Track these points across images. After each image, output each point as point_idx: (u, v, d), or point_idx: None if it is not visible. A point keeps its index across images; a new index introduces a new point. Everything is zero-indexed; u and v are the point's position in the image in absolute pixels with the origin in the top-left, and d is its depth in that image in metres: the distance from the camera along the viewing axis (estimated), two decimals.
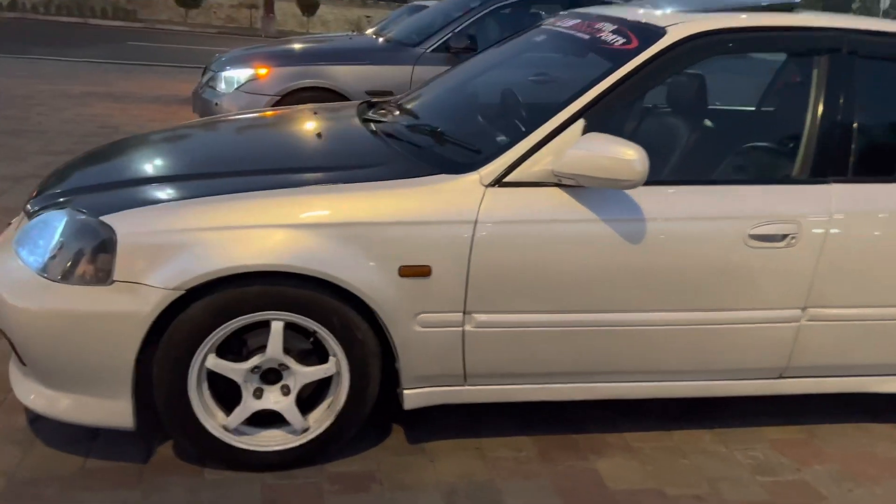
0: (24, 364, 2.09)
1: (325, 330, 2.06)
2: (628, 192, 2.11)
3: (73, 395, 2.04)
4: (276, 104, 5.06)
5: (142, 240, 1.96)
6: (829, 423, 2.64)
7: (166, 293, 1.93)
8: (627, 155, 1.96)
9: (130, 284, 1.94)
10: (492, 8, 5.59)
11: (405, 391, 2.19)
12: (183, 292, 1.93)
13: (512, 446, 2.38)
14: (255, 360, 2.07)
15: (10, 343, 2.10)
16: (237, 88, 5.17)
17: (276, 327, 2.04)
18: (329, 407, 2.16)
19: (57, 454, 2.16)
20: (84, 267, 1.97)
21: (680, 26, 2.28)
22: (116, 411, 2.03)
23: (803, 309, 2.29)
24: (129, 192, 2.16)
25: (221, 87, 5.28)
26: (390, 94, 5.05)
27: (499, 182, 2.09)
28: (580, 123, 2.12)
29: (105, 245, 1.96)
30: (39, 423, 2.28)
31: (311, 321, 2.04)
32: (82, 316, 1.94)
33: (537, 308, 2.15)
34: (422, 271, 2.05)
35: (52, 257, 2.01)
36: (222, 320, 1.99)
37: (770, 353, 2.36)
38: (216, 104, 5.20)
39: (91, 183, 2.35)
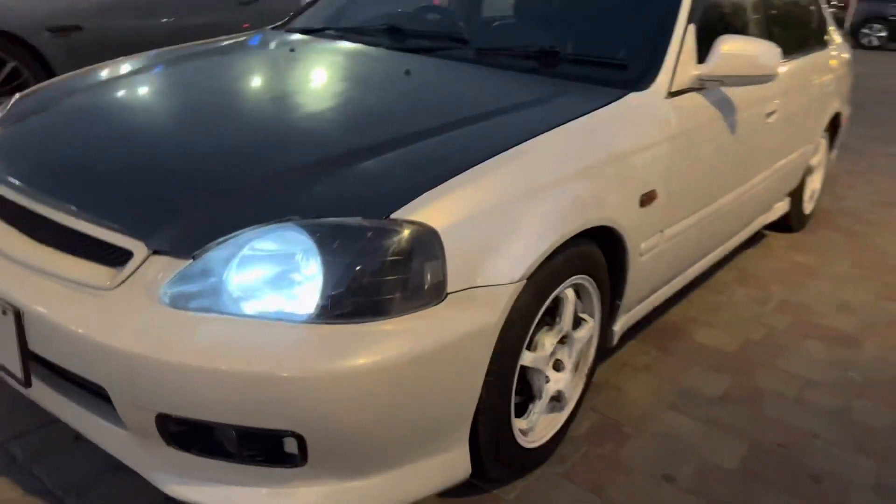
0: (298, 463, 1.37)
1: (594, 285, 1.85)
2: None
3: (392, 470, 1.44)
4: None
5: (465, 231, 1.44)
6: None
7: (513, 288, 1.49)
8: (770, 50, 2.17)
9: (467, 291, 1.43)
10: None
11: (615, 328, 2.10)
12: (524, 282, 1.52)
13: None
14: (552, 339, 1.74)
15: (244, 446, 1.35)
16: None
17: (571, 295, 1.75)
18: (577, 369, 1.95)
19: None
20: (402, 288, 1.37)
21: None
22: (452, 463, 1.52)
23: None
24: (345, 174, 1.50)
25: None
26: (78, 28, 3.97)
27: (670, 92, 2.09)
28: (692, 27, 2.21)
29: (425, 249, 1.38)
30: None
31: (590, 279, 1.81)
32: (419, 356, 1.37)
33: (698, 206, 2.27)
34: (652, 196, 1.97)
35: (349, 291, 1.33)
36: (541, 303, 1.63)
37: None
38: None
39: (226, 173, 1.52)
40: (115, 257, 1.43)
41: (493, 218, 1.49)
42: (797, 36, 3.19)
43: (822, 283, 3.22)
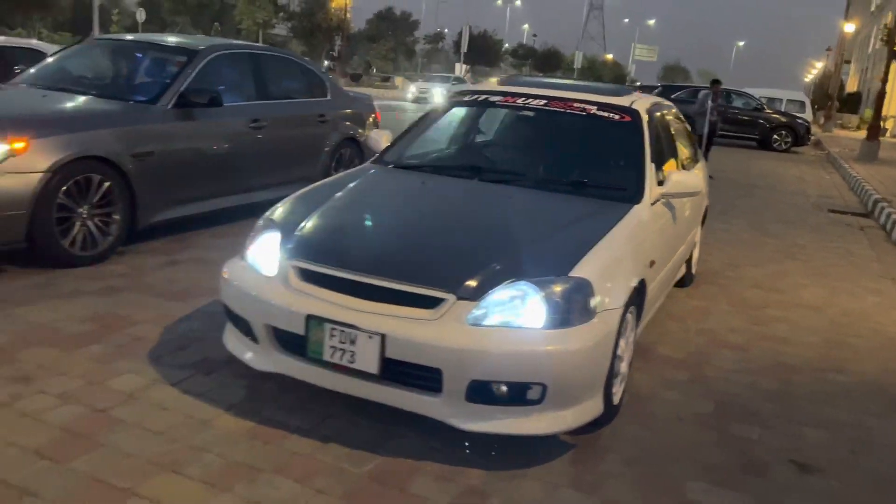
0: (533, 403, 2.70)
1: (636, 311, 3.32)
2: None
3: (574, 407, 2.81)
4: (49, 181, 4.38)
5: (599, 280, 2.88)
6: None
7: (620, 310, 2.94)
8: (699, 179, 3.83)
9: (603, 312, 2.87)
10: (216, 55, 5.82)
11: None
12: (622, 308, 2.97)
13: None
14: (625, 341, 3.19)
15: (516, 392, 2.68)
16: None
17: (630, 317, 3.22)
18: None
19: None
20: (579, 311, 2.78)
21: (638, 104, 4.17)
22: (594, 405, 2.90)
23: None
24: (529, 253, 2.92)
25: None
26: (151, 154, 5.03)
27: (650, 204, 3.68)
28: (653, 165, 3.85)
29: (587, 291, 2.81)
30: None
31: (634, 307, 3.29)
32: (594, 345, 2.77)
33: (663, 266, 3.85)
34: (653, 262, 3.52)
35: (556, 313, 2.72)
36: (623, 320, 3.07)
37: None
38: None
39: (468, 253, 2.91)
40: (429, 303, 2.73)
41: (607, 273, 2.94)
42: (686, 160, 4.98)
43: (715, 317, 4.94)
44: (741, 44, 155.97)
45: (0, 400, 2.92)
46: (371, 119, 7.90)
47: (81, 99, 5.14)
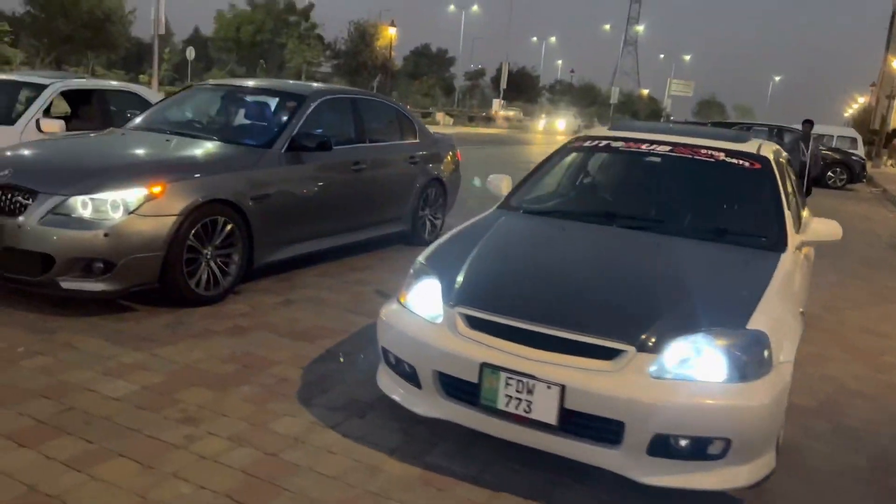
0: (714, 457, 2.68)
1: None
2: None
3: (751, 462, 2.77)
4: (181, 224, 4.51)
5: (773, 333, 2.86)
6: None
7: (791, 364, 2.91)
8: (838, 227, 3.81)
9: (778, 365, 2.84)
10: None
11: None
12: (792, 361, 2.94)
13: None
14: None
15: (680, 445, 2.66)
16: (133, 212, 4.34)
17: None
18: None
19: None
20: (758, 364, 2.76)
21: (765, 150, 4.19)
22: (769, 460, 2.85)
23: None
24: (700, 304, 2.91)
25: (93, 213, 4.30)
26: (268, 197, 5.14)
27: (793, 251, 3.66)
28: (790, 213, 3.84)
29: (765, 344, 2.79)
30: None
31: None
32: (773, 399, 2.73)
33: (805, 308, 3.81)
34: (803, 313, 3.48)
35: (736, 367, 2.71)
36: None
37: None
38: (105, 236, 4.25)
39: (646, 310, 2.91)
40: (608, 354, 2.74)
41: (778, 325, 2.92)
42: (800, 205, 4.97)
43: (833, 363, 4.86)
44: (778, 78, 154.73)
45: (177, 442, 2.99)
46: (450, 157, 8.00)
47: (203, 143, 5.31)
